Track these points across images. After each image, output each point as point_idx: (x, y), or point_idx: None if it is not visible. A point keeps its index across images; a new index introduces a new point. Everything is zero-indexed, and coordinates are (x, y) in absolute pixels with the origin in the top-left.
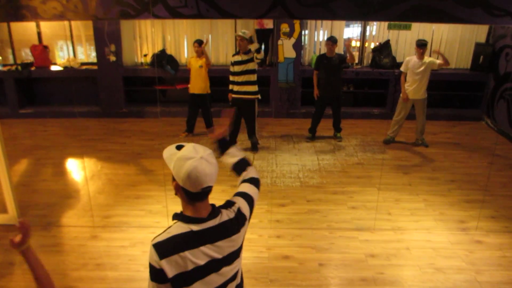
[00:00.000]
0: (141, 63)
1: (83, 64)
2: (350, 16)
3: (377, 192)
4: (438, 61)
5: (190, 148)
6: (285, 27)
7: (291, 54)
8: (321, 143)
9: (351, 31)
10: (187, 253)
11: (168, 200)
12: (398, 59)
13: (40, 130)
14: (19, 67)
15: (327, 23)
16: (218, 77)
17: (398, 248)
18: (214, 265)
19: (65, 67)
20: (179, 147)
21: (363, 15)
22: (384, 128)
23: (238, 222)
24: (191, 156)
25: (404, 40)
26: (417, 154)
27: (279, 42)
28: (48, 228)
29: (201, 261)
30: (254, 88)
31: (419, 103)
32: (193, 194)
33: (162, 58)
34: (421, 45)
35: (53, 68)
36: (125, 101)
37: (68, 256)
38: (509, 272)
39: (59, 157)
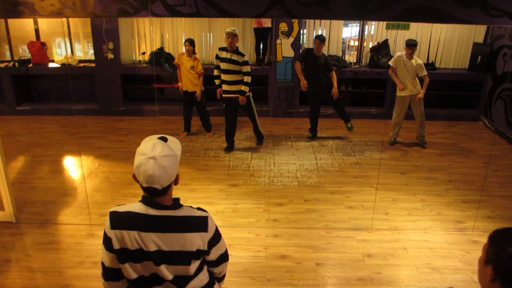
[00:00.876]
0: (139, 61)
1: (80, 61)
2: (348, 16)
3: (375, 192)
4: (424, 72)
5: (150, 144)
6: (283, 26)
7: (290, 53)
8: (319, 143)
9: (350, 31)
10: (135, 233)
11: None
12: None
13: (37, 128)
14: (17, 64)
15: (325, 22)
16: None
17: (395, 248)
18: (158, 256)
19: (63, 64)
20: (163, 138)
21: (361, 14)
22: (382, 128)
23: (198, 225)
24: (144, 153)
25: (402, 40)
26: (415, 154)
27: (278, 41)
28: (45, 226)
29: (148, 247)
30: (246, 87)
31: (415, 98)
32: (143, 188)
33: (160, 56)
34: (411, 45)
35: (51, 65)
36: (123, 99)
37: (64, 254)
38: None
39: (56, 154)
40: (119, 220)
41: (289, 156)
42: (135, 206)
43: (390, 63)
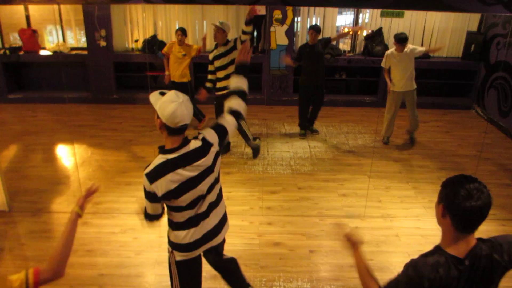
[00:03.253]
0: (132, 48)
1: (73, 49)
2: (343, 3)
3: (368, 180)
4: (420, 48)
5: (173, 93)
6: (277, 14)
7: (284, 41)
8: (312, 131)
9: (344, 19)
10: (168, 176)
11: None
12: (390, 47)
13: (29, 116)
14: (7, 52)
15: (319, 10)
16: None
17: (387, 235)
18: (191, 182)
19: (55, 52)
20: (162, 93)
21: (356, 2)
22: (375, 116)
23: (204, 148)
24: (174, 100)
25: (396, 28)
26: (408, 143)
27: (272, 29)
28: (38, 214)
29: (180, 180)
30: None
31: (409, 95)
32: (173, 129)
33: (154, 44)
34: (400, 40)
35: (42, 52)
36: (116, 87)
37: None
38: None
39: (49, 143)
40: (154, 175)
41: (283, 144)
42: (157, 159)
43: (382, 64)
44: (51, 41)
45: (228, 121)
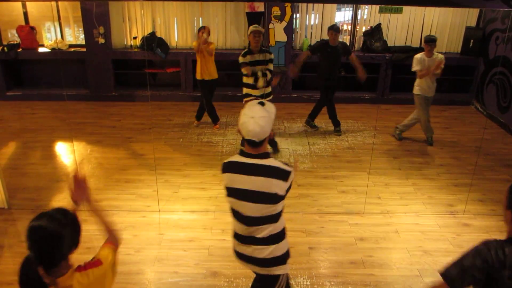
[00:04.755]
0: (131, 45)
1: (71, 46)
2: None
3: (367, 177)
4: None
5: (252, 107)
6: (276, 11)
7: (282, 37)
8: (312, 127)
9: (343, 15)
10: (231, 175)
11: (159, 184)
12: (389, 43)
13: (28, 113)
14: (5, 49)
15: (318, 6)
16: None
17: (387, 232)
18: (243, 193)
19: (53, 49)
20: (260, 103)
21: None
22: (375, 112)
23: (280, 173)
24: (247, 114)
25: (395, 24)
26: (407, 139)
27: (270, 25)
28: (37, 212)
29: (238, 185)
30: (268, 89)
31: (429, 101)
32: (243, 139)
33: (152, 41)
34: (429, 41)
35: (41, 49)
36: (115, 84)
37: None
38: None
39: (48, 140)
40: (225, 167)
41: (282, 141)
42: (236, 156)
43: (413, 69)
44: (49, 38)
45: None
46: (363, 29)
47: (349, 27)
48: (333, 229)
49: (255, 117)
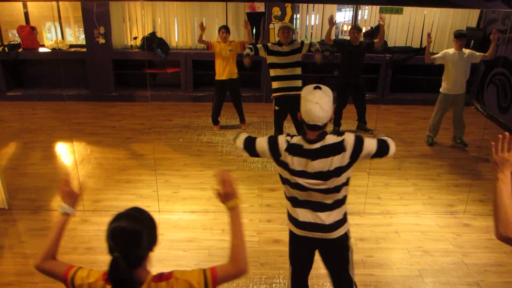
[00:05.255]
0: (131, 46)
1: (71, 46)
2: (341, 0)
3: (367, 177)
4: (479, 53)
5: (317, 93)
6: (276, 11)
7: None
8: None
9: (343, 15)
10: (293, 157)
11: (159, 185)
12: (390, 44)
13: (28, 113)
14: (6, 49)
15: (318, 7)
16: (209, 61)
17: (387, 232)
18: (303, 174)
19: (53, 49)
20: (316, 87)
21: None
22: (375, 113)
23: (337, 148)
24: (311, 100)
25: (395, 24)
26: (407, 139)
27: (271, 25)
28: (38, 212)
29: (297, 167)
30: (299, 82)
31: (459, 99)
32: (306, 125)
33: (152, 41)
34: (459, 36)
35: (41, 50)
36: (115, 84)
37: None
38: (495, 254)
39: (48, 140)
40: (288, 148)
41: None
42: (296, 139)
43: (436, 56)
44: (50, 38)
45: (371, 142)
46: (364, 30)
47: (349, 28)
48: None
49: (320, 102)
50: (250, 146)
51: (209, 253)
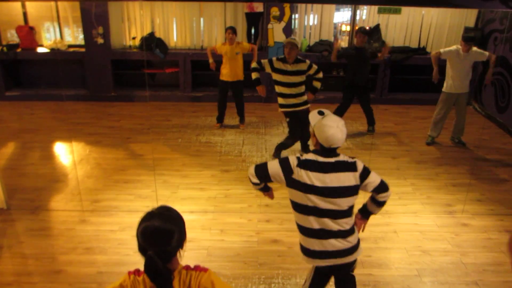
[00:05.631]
0: (130, 46)
1: (70, 46)
2: (340, 0)
3: None
4: (487, 53)
5: (332, 118)
6: (275, 11)
7: (281, 38)
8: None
9: (341, 15)
10: (309, 172)
11: (158, 185)
12: (388, 43)
13: (27, 113)
14: (5, 49)
15: (317, 7)
16: (207, 61)
17: (385, 232)
18: (316, 190)
19: (52, 49)
20: (320, 113)
21: None
22: (373, 113)
23: (349, 166)
24: (331, 125)
25: (394, 24)
26: (405, 139)
27: (269, 26)
28: (36, 212)
29: (314, 181)
30: (304, 97)
31: (462, 97)
32: (325, 148)
33: (151, 41)
34: (468, 40)
35: (40, 50)
36: (114, 84)
37: (57, 240)
38: (493, 254)
39: (47, 140)
40: (300, 164)
41: (281, 141)
42: (310, 154)
43: (443, 51)
44: (49, 38)
45: (373, 176)
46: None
47: (348, 28)
48: None
49: (339, 125)
50: (261, 171)
51: (208, 253)
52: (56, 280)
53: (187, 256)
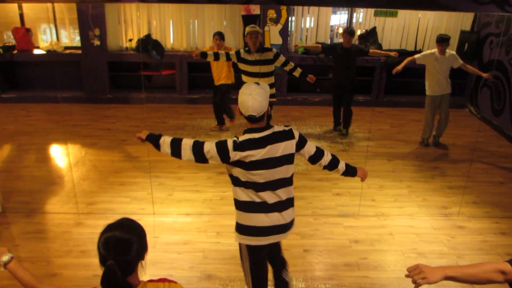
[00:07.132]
0: (126, 48)
1: (66, 48)
2: (337, 3)
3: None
4: (459, 63)
5: (248, 85)
6: (271, 13)
7: (278, 40)
8: (306, 130)
9: (338, 18)
10: (253, 151)
11: (153, 187)
12: (384, 46)
13: (22, 115)
14: (1, 50)
15: (313, 9)
16: (204, 63)
17: (381, 234)
18: (271, 161)
19: (48, 51)
20: (256, 83)
21: (350, 1)
22: (369, 115)
23: (287, 135)
24: (245, 92)
25: (390, 27)
26: (401, 141)
27: (266, 28)
28: (32, 215)
29: (263, 156)
30: (272, 90)
31: (445, 98)
32: (245, 117)
33: (148, 43)
34: (441, 41)
35: (36, 51)
36: (110, 86)
37: (52, 243)
38: (489, 256)
39: (43, 143)
40: (242, 146)
41: None
42: (245, 136)
43: (417, 56)
44: (45, 40)
45: (310, 144)
46: (358, 32)
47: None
48: (327, 232)
49: (253, 93)
50: (198, 150)
51: (204, 256)
52: (51, 283)
53: (183, 259)
